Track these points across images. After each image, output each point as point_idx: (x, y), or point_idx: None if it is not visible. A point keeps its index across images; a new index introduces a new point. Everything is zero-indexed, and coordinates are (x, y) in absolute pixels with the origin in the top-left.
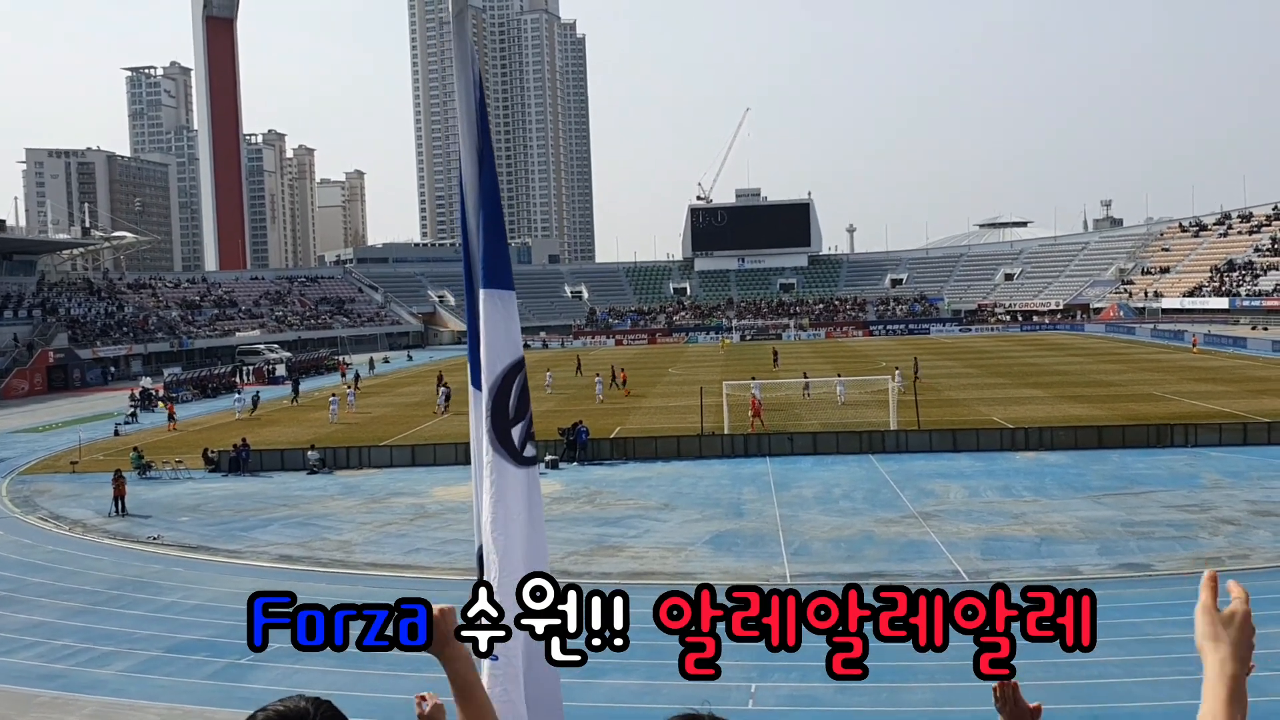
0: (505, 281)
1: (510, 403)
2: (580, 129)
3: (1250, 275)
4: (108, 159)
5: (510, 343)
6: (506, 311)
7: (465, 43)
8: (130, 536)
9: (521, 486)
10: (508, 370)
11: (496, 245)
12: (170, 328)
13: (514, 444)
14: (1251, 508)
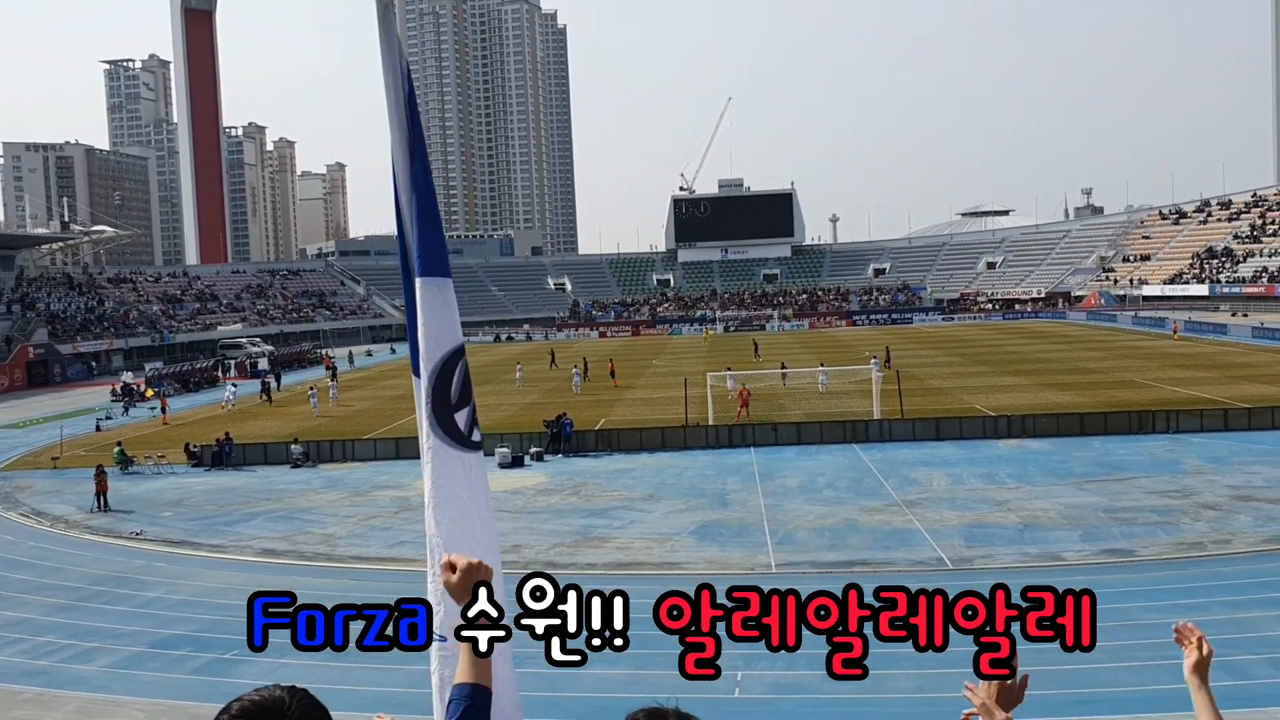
0: (442, 269)
1: (452, 389)
2: (562, 120)
3: (1230, 262)
4: (86, 153)
5: (449, 330)
6: (444, 299)
7: (391, 37)
8: (112, 532)
9: (468, 470)
10: (448, 357)
11: (431, 234)
12: (151, 322)
13: (459, 429)
14: (1233, 493)
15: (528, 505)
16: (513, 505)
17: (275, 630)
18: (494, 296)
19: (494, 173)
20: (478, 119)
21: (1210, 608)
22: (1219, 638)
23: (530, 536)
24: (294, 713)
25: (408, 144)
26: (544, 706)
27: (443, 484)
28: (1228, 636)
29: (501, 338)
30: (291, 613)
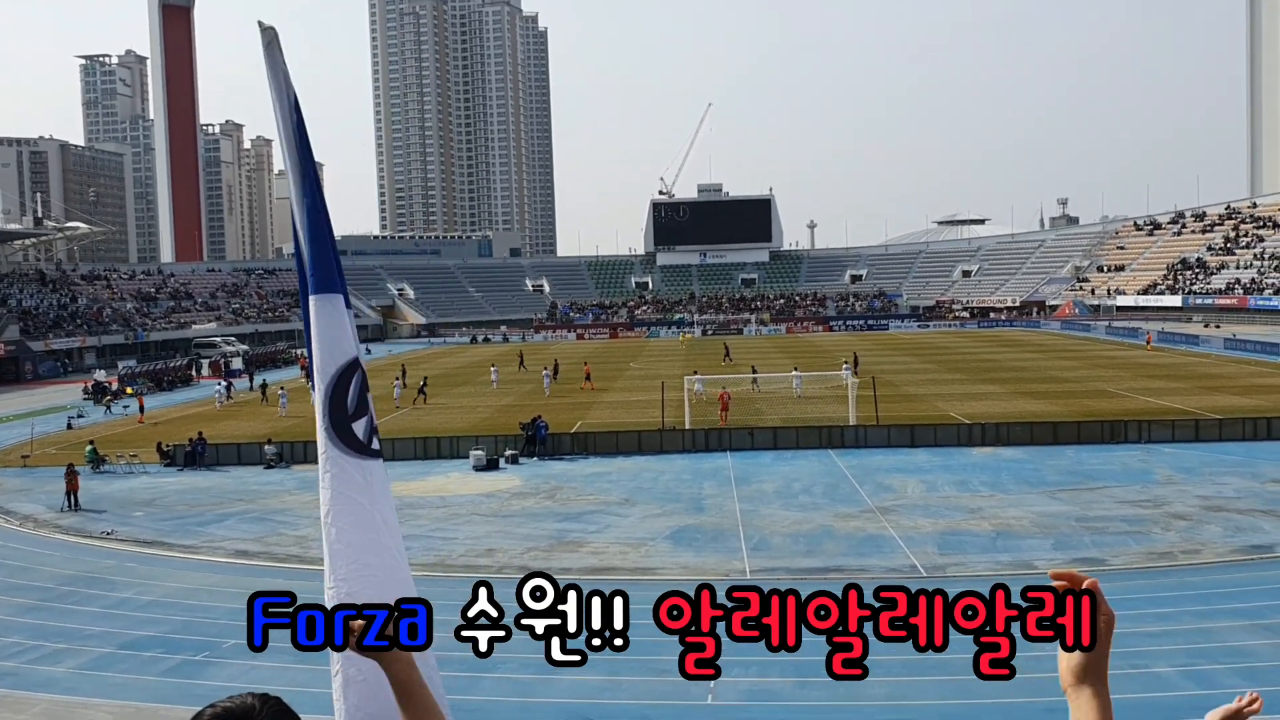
0: (332, 286)
1: (348, 399)
2: (542, 122)
3: (1203, 273)
4: (61, 148)
5: (341, 344)
6: (336, 315)
7: (277, 70)
8: (83, 531)
9: (368, 477)
10: (343, 369)
11: (322, 253)
12: (125, 320)
13: (357, 438)
14: (1203, 503)
15: (502, 508)
16: (487, 508)
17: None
18: (471, 297)
19: (473, 174)
20: (457, 120)
21: (1179, 617)
22: (1188, 647)
23: (504, 540)
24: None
25: (299, 171)
26: (517, 712)
27: (341, 491)
28: (1196, 646)
29: (478, 339)
30: (291, 613)
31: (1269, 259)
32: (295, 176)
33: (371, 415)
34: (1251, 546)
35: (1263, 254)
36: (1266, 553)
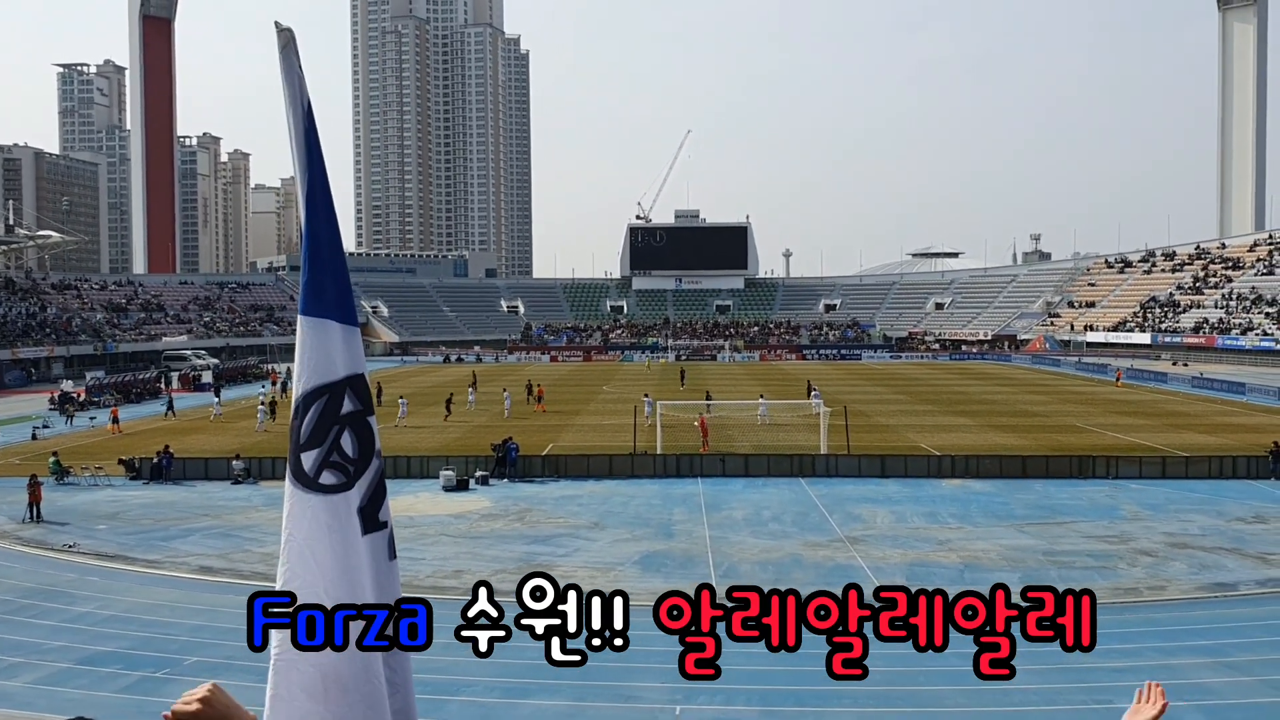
0: (318, 310)
1: (303, 427)
2: (521, 144)
3: (1172, 312)
4: (35, 156)
5: (314, 368)
6: (316, 338)
7: (293, 73)
8: (44, 544)
9: (313, 514)
10: (305, 394)
11: (316, 273)
12: (95, 330)
13: (304, 471)
14: (1169, 540)
15: (471, 530)
16: (456, 530)
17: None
18: (446, 317)
19: (451, 193)
20: (437, 139)
21: (1143, 653)
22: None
23: (472, 562)
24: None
25: (307, 184)
26: None
27: (287, 524)
28: (1161, 683)
29: (451, 358)
30: (291, 613)
31: (1237, 299)
32: (302, 186)
33: (329, 446)
34: (1216, 584)
35: (1230, 294)
36: (1230, 590)
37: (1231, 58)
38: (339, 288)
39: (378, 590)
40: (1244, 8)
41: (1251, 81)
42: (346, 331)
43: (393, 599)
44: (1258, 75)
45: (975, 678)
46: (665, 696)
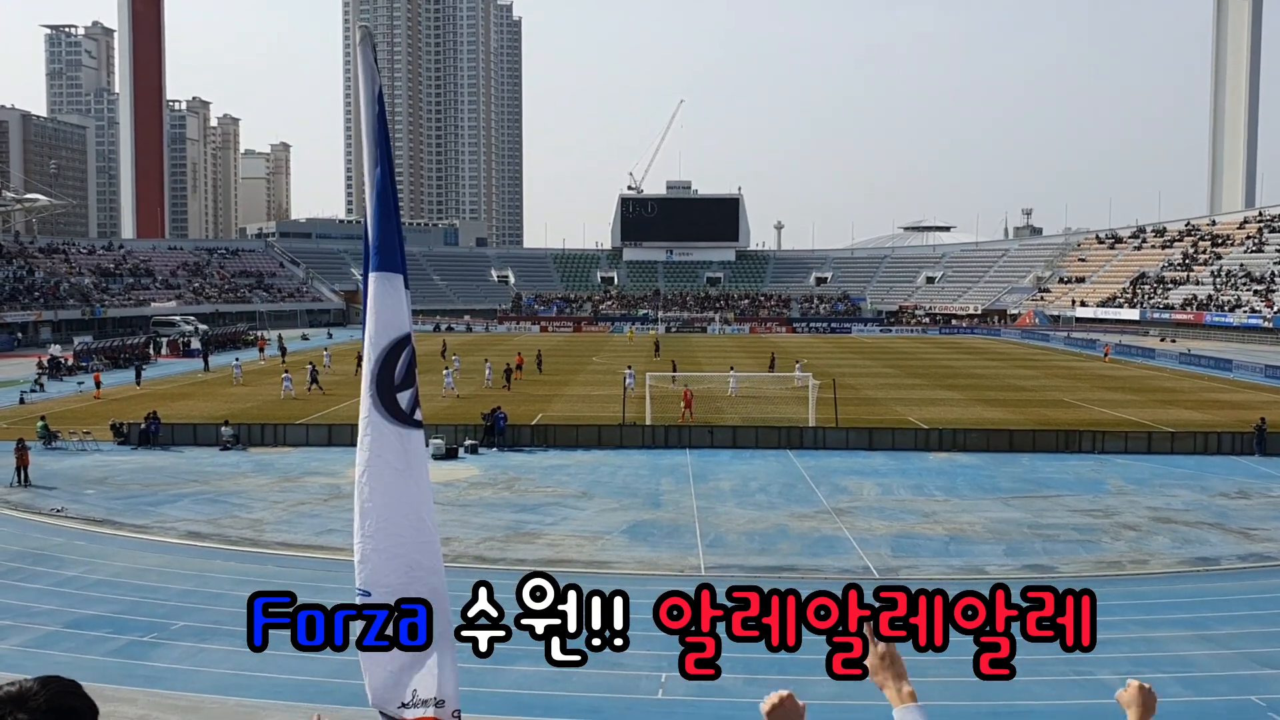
0: (394, 266)
1: (396, 371)
2: (513, 112)
3: (1161, 288)
4: (22, 118)
5: (396, 320)
6: (394, 292)
7: (369, 65)
8: (32, 508)
9: (405, 444)
10: (394, 343)
11: (387, 233)
12: (83, 295)
13: (400, 408)
14: (1152, 514)
15: (459, 498)
16: (444, 497)
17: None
18: (436, 286)
19: (441, 162)
20: (428, 107)
21: (1125, 626)
22: (1132, 656)
23: (460, 529)
24: (40, 703)
25: (374, 158)
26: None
27: (378, 454)
28: (1141, 655)
29: (441, 327)
30: (291, 613)
31: (1225, 276)
32: (370, 161)
33: (416, 389)
34: (1198, 558)
35: (1220, 271)
36: (1212, 565)
37: (1225, 34)
38: (403, 250)
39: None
40: None
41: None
42: (405, 289)
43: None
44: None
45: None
46: (649, 664)
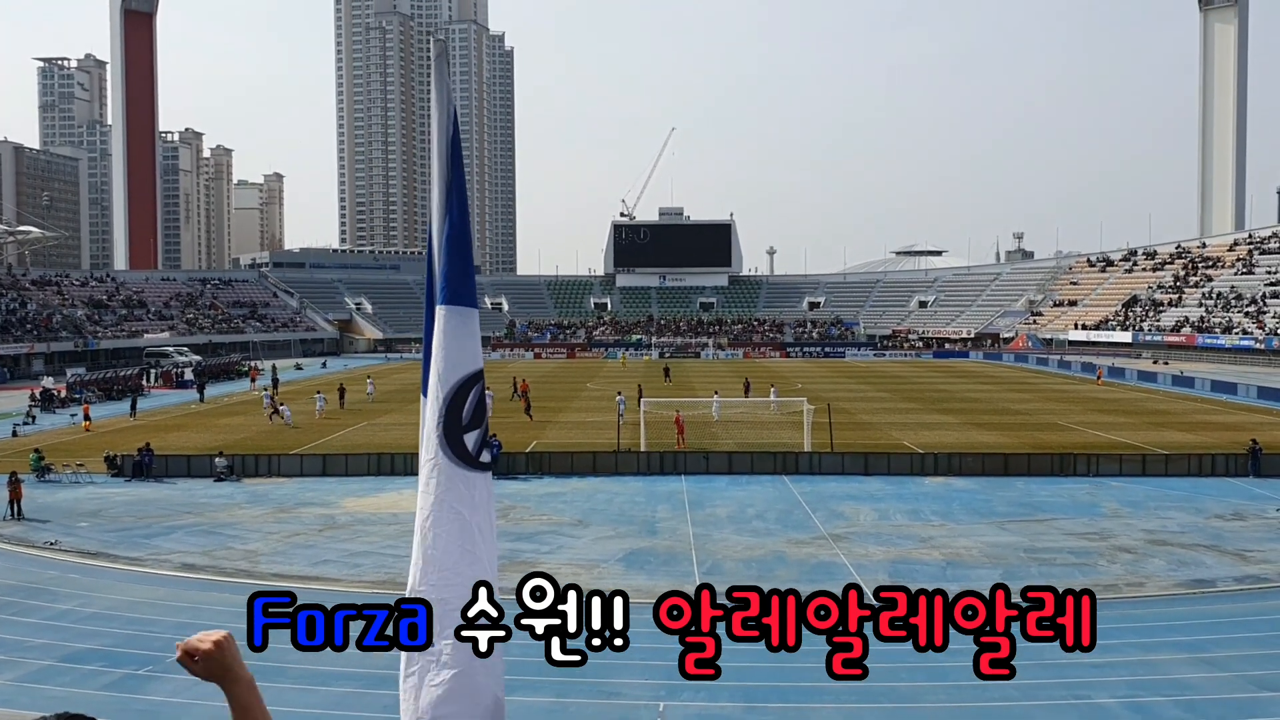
0: (467, 300)
1: (464, 411)
2: (505, 140)
3: (1153, 311)
4: (15, 150)
5: (467, 356)
6: (467, 327)
7: (443, 82)
8: (25, 541)
9: (473, 489)
10: (463, 381)
11: (461, 266)
12: (75, 327)
13: (467, 450)
14: (1148, 537)
15: None
16: None
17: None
18: None
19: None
20: (420, 136)
21: (1123, 649)
22: (1130, 679)
23: None
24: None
25: (446, 182)
26: None
27: (444, 499)
28: (1140, 679)
29: None
30: (291, 613)
31: (1217, 298)
32: (441, 187)
33: (485, 428)
34: (1194, 580)
35: (1211, 293)
36: (1208, 587)
37: (1212, 58)
38: (473, 279)
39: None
40: (1225, 8)
41: (1232, 82)
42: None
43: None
44: (1238, 75)
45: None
46: (648, 693)
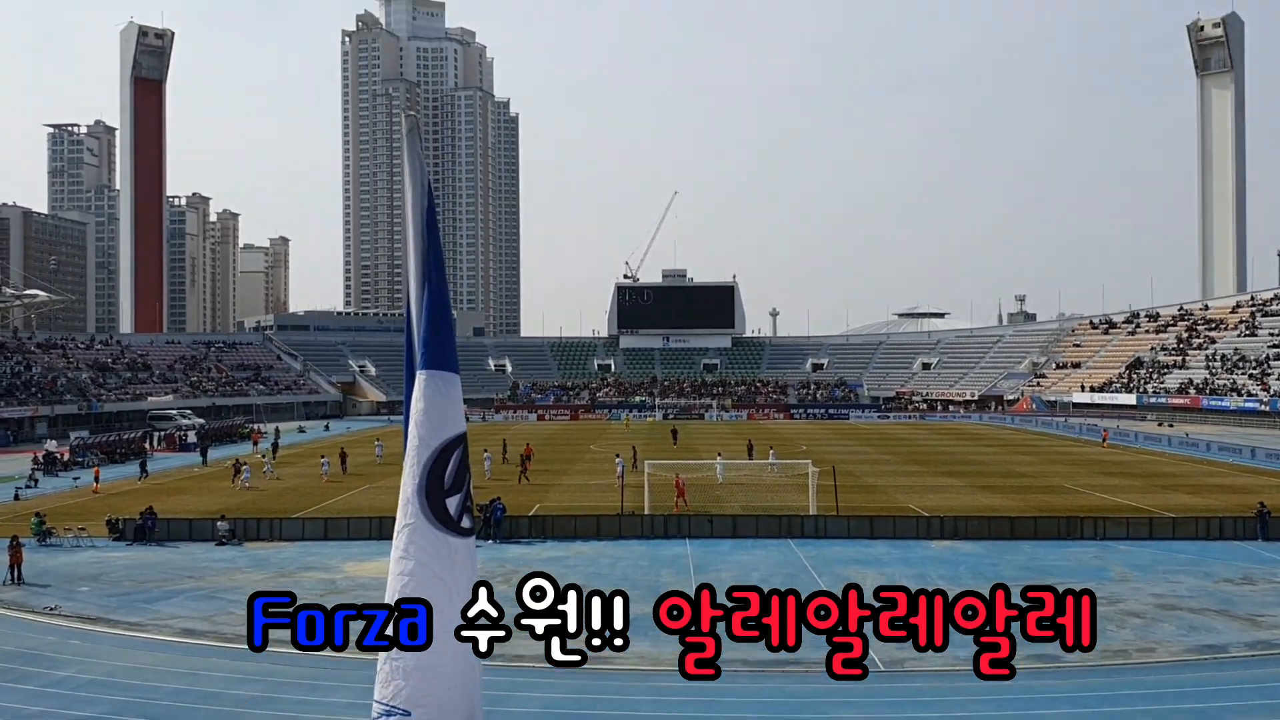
0: (448, 364)
1: (446, 475)
2: (510, 204)
3: (1157, 372)
4: (24, 215)
5: (449, 419)
6: (447, 391)
7: (415, 155)
8: (25, 606)
9: (453, 555)
10: (445, 445)
11: (441, 332)
12: (80, 390)
13: (448, 514)
14: (1157, 601)
15: None
16: None
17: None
18: None
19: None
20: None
21: (1133, 717)
22: None
23: None
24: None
25: (423, 251)
26: None
27: (424, 563)
28: None
29: None
30: (291, 613)
31: (1220, 360)
32: (417, 256)
33: (467, 493)
34: (1205, 646)
35: (1214, 355)
36: (1220, 653)
37: (1210, 123)
38: (454, 344)
39: None
40: (1222, 74)
41: (1230, 146)
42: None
43: None
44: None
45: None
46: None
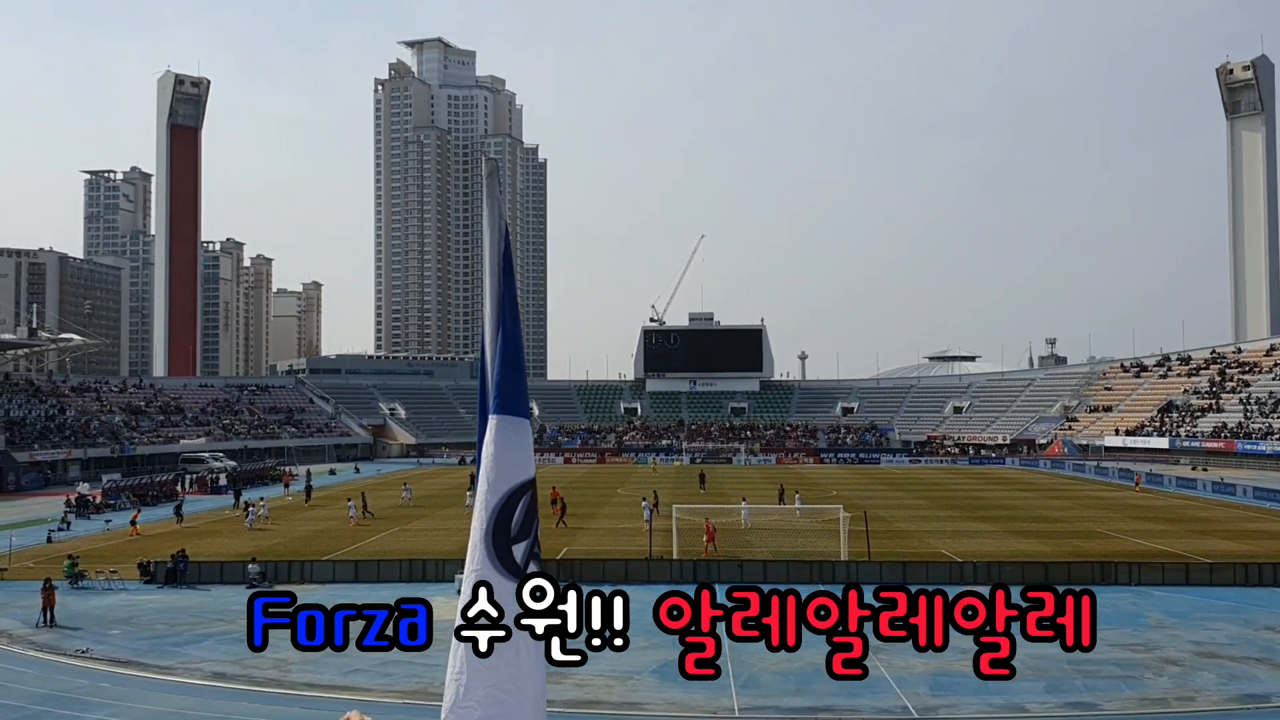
0: (518, 410)
1: (514, 521)
2: (538, 248)
3: (1189, 416)
4: (60, 260)
5: (518, 465)
6: (517, 436)
7: (495, 200)
8: (57, 649)
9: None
10: (514, 490)
11: (514, 377)
12: (113, 433)
13: (514, 561)
14: (1195, 649)
15: None
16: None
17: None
18: (462, 419)
19: (469, 297)
20: (455, 244)
21: None
22: None
23: None
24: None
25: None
26: None
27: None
28: None
29: (466, 460)
30: (291, 613)
31: (1255, 403)
32: (493, 300)
33: (534, 539)
34: (1246, 695)
35: (1248, 399)
36: (1263, 702)
37: (1241, 165)
38: (525, 389)
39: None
40: (1252, 116)
41: (1261, 188)
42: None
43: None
44: (1267, 182)
45: None
46: None
